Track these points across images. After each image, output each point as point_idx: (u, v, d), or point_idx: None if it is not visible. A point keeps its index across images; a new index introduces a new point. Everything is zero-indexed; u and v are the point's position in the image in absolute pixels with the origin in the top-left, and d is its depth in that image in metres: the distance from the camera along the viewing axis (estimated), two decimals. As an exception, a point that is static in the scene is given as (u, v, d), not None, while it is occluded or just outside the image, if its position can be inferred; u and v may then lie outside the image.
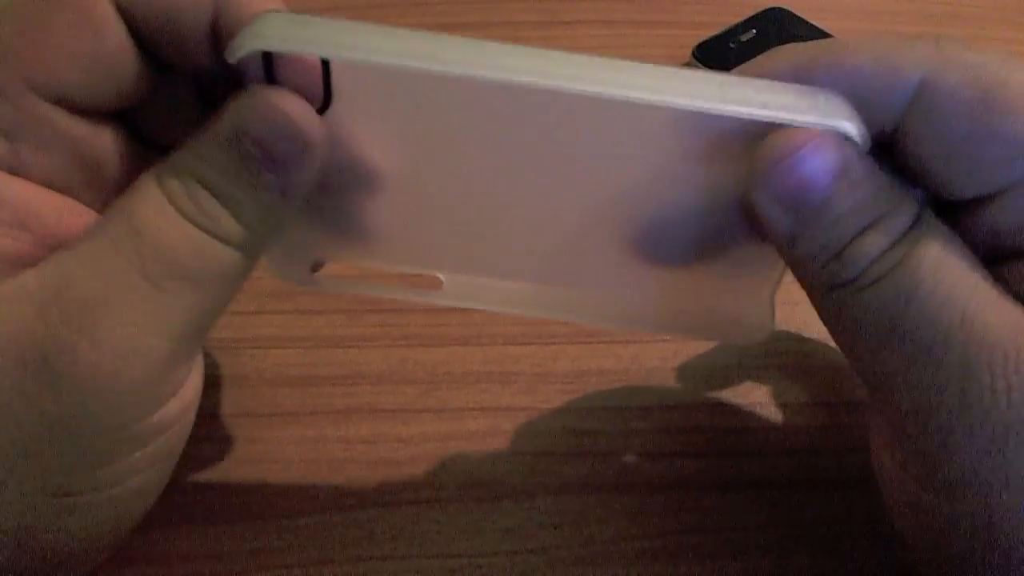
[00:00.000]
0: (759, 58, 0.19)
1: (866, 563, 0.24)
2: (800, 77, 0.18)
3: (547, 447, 0.26)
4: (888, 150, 0.19)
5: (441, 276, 0.23)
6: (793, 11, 0.44)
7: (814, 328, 0.29)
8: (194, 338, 0.19)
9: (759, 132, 0.18)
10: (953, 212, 0.19)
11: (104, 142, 0.20)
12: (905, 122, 0.18)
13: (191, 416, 0.21)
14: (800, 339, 0.29)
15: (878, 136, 0.19)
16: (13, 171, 0.18)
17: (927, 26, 0.45)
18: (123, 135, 0.20)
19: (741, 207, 0.20)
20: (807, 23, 0.44)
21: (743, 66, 0.20)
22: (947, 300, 0.17)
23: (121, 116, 0.20)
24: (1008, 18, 0.47)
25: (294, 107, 0.17)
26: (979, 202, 0.18)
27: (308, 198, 0.19)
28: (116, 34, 0.18)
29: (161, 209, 0.17)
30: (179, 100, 0.21)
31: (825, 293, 0.18)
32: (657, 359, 0.29)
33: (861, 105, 0.18)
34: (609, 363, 0.28)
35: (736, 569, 0.24)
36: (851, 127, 0.18)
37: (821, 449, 0.26)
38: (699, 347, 0.29)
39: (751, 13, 0.44)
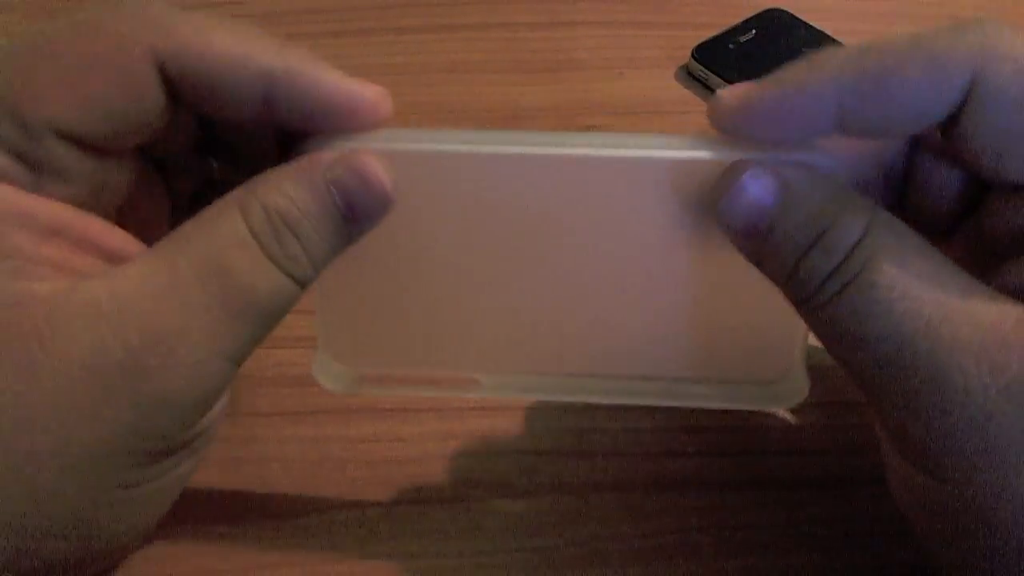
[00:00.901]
0: (799, 67, 0.19)
1: (866, 563, 0.24)
2: (845, 90, 0.18)
3: (547, 447, 0.26)
4: (945, 138, 0.19)
5: (480, 377, 0.24)
6: (793, 12, 0.45)
7: (813, 328, 0.29)
8: (247, 355, 0.20)
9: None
10: (1001, 195, 0.20)
11: (120, 174, 0.21)
12: (957, 118, 0.18)
13: (224, 408, 0.22)
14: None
15: (930, 132, 0.19)
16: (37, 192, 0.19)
17: (925, 27, 0.45)
18: (137, 165, 0.21)
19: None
20: (806, 24, 0.44)
21: (783, 72, 0.19)
22: (908, 312, 0.17)
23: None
24: (1007, 19, 0.47)
25: (379, 168, 0.19)
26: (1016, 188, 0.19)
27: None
28: (152, 97, 0.19)
29: (249, 252, 0.18)
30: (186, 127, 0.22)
31: (798, 307, 0.19)
32: (657, 359, 0.29)
33: (912, 109, 0.18)
34: (609, 363, 0.28)
35: (736, 569, 0.24)
36: (820, 158, 0.19)
37: (821, 449, 0.27)
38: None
39: (750, 14, 0.44)
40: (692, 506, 0.25)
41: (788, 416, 0.28)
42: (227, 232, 0.18)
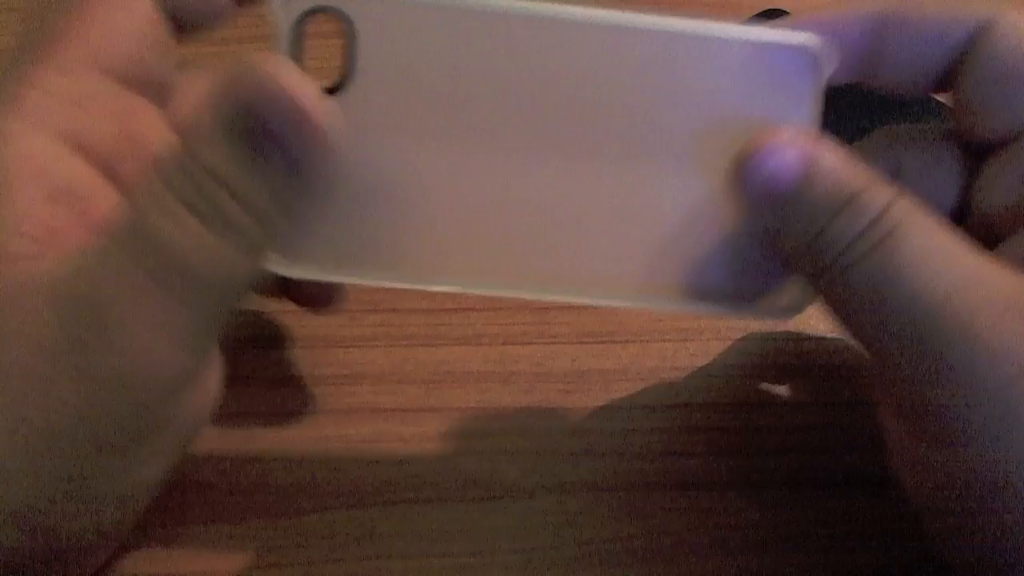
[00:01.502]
0: (827, 9, 0.21)
1: (866, 563, 0.24)
2: (877, 20, 0.21)
3: (547, 447, 0.26)
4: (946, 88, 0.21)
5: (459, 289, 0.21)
6: (792, 12, 0.44)
7: (814, 328, 0.29)
8: (205, 336, 0.19)
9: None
10: (985, 155, 0.21)
11: (148, 119, 0.21)
12: (963, 64, 0.20)
13: (204, 414, 0.21)
14: (800, 339, 0.29)
15: (939, 73, 0.21)
16: (77, 148, 0.19)
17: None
18: (163, 119, 0.21)
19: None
20: (806, 24, 0.44)
21: (809, 14, 0.21)
22: (935, 276, 0.17)
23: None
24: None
25: (295, 82, 0.17)
26: (1009, 143, 0.20)
27: (319, 201, 0.19)
28: (146, 10, 0.20)
29: (165, 204, 0.17)
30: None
31: (815, 279, 0.19)
32: (657, 359, 0.29)
33: (923, 47, 0.20)
34: (609, 363, 0.28)
35: (735, 569, 0.24)
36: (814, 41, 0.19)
37: (821, 449, 0.27)
38: (698, 347, 0.29)
39: (750, 14, 0.44)
40: (692, 506, 0.25)
41: (788, 416, 0.28)
42: (146, 190, 0.17)
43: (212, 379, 0.21)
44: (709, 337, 0.29)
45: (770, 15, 0.44)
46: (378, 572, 0.24)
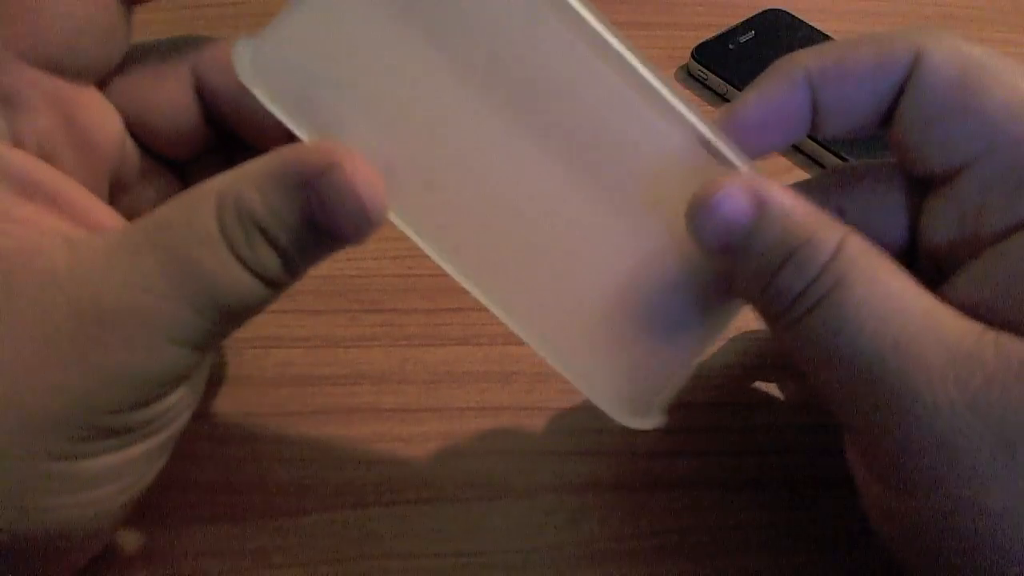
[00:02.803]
0: (768, 74, 0.21)
1: (866, 563, 0.24)
2: (814, 77, 0.20)
3: (547, 447, 0.26)
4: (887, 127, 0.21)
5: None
6: (792, 12, 0.45)
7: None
8: (211, 341, 0.19)
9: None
10: (928, 190, 0.21)
11: (93, 110, 0.21)
12: (900, 101, 0.20)
13: (192, 406, 0.21)
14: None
15: (881, 115, 0.21)
16: (16, 141, 0.19)
17: (925, 28, 0.45)
18: (111, 109, 0.21)
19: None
20: (806, 25, 0.44)
21: (755, 83, 0.21)
22: (877, 330, 0.17)
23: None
24: (1005, 20, 0.47)
25: (371, 189, 0.18)
26: (949, 179, 0.20)
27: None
28: (108, 16, 0.20)
29: (217, 250, 0.18)
30: (171, 87, 0.22)
31: (770, 324, 0.20)
32: (657, 359, 0.29)
33: (868, 85, 0.20)
34: (609, 363, 0.28)
35: (736, 568, 0.24)
36: None
37: (821, 449, 0.27)
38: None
39: (750, 15, 0.44)
40: (692, 506, 0.25)
41: (788, 416, 0.28)
42: (199, 227, 0.18)
43: (199, 383, 0.21)
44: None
45: (770, 15, 0.44)
46: (378, 572, 0.24)
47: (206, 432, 0.26)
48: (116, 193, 0.22)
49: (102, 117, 0.21)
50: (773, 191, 0.19)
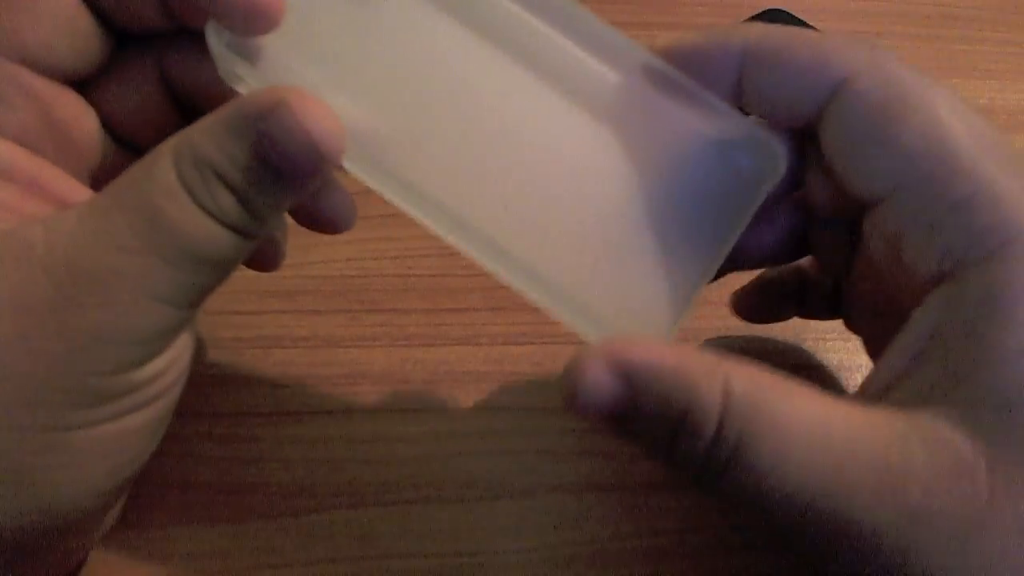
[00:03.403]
0: (710, 32, 0.21)
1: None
2: (748, 52, 0.20)
3: (547, 447, 0.26)
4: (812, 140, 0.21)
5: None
6: (792, 12, 0.45)
7: (811, 329, 0.29)
8: (194, 306, 0.20)
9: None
10: (859, 218, 0.20)
11: (70, 106, 0.21)
12: (823, 116, 0.20)
13: (182, 376, 0.21)
14: (799, 339, 0.29)
15: (805, 126, 0.20)
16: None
17: (924, 27, 0.45)
18: (87, 107, 0.22)
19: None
20: (806, 25, 0.44)
21: (701, 38, 0.21)
22: (798, 478, 0.17)
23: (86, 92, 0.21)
24: (1004, 19, 0.47)
25: (320, 124, 0.18)
26: (875, 206, 0.20)
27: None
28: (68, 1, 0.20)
29: (178, 199, 0.18)
30: (141, 84, 0.22)
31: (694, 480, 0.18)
32: (657, 359, 0.29)
33: (795, 85, 0.20)
34: (609, 363, 0.28)
35: (735, 568, 0.24)
36: None
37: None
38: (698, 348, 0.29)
39: (750, 14, 0.44)
40: (692, 506, 0.25)
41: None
42: (159, 179, 0.18)
43: (187, 343, 0.21)
44: (709, 337, 0.29)
45: (770, 15, 0.44)
46: (378, 572, 0.24)
47: (206, 432, 0.26)
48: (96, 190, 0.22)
49: (80, 115, 0.21)
50: (634, 353, 0.18)
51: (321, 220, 0.22)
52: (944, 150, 0.18)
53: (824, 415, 0.17)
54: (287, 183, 0.19)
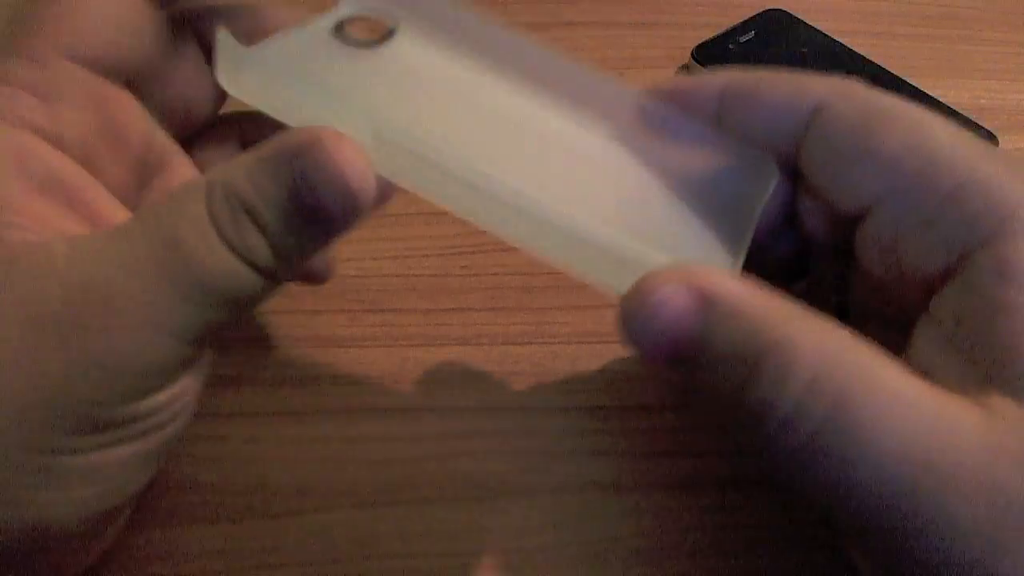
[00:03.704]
0: (696, 79, 0.23)
1: (865, 562, 0.24)
2: (726, 94, 0.22)
3: (547, 447, 0.26)
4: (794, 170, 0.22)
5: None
6: (792, 12, 0.45)
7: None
8: (201, 344, 0.19)
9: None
10: (852, 231, 0.21)
11: (125, 107, 0.22)
12: (803, 144, 0.21)
13: (183, 413, 0.21)
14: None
15: (786, 156, 0.21)
16: (53, 139, 0.20)
17: (924, 27, 0.45)
18: (141, 108, 0.22)
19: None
20: (806, 25, 0.44)
21: (685, 79, 0.24)
22: (898, 452, 0.15)
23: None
24: (1005, 19, 0.47)
25: (355, 171, 0.18)
26: (866, 218, 0.20)
27: None
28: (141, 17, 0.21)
29: (204, 231, 0.18)
30: (192, 78, 0.23)
31: (753, 439, 0.17)
32: (657, 359, 0.29)
33: (771, 127, 0.21)
34: (609, 362, 0.28)
35: (736, 568, 0.24)
36: None
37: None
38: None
39: (750, 14, 0.44)
40: (691, 506, 0.25)
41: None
42: (187, 209, 0.18)
43: (191, 391, 0.21)
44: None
45: (770, 15, 0.44)
46: (378, 572, 0.24)
47: (205, 432, 0.26)
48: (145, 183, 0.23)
49: (135, 115, 0.22)
50: (717, 282, 0.16)
51: (306, 274, 0.25)
52: (927, 149, 0.19)
53: (919, 390, 0.16)
54: (319, 227, 0.19)
